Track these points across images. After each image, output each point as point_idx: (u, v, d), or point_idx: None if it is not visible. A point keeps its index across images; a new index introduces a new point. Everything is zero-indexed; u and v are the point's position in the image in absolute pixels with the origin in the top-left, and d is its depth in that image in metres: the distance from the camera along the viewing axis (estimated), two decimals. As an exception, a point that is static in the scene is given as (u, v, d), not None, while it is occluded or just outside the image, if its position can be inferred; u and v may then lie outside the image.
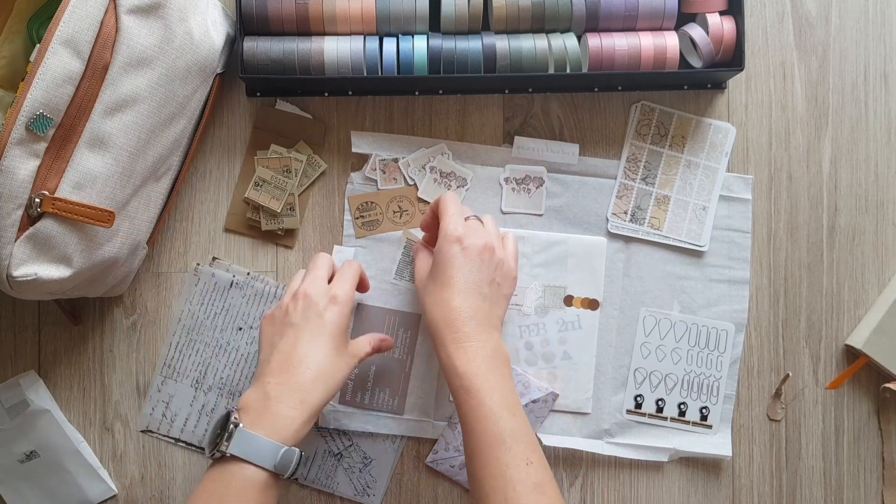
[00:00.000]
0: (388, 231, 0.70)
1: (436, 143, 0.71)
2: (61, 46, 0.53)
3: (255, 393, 0.57)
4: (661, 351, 0.71)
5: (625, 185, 0.71)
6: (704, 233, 0.71)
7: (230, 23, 0.67)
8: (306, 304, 0.60)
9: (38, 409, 0.67)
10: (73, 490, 0.68)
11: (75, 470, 0.68)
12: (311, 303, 0.60)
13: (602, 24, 0.68)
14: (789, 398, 0.72)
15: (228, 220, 0.71)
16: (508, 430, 0.55)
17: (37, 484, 0.68)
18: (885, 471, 0.72)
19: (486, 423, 0.55)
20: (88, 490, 0.68)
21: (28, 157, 0.53)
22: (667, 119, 0.71)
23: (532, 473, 0.54)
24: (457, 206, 0.62)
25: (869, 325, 0.71)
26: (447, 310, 0.59)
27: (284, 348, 0.59)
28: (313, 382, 0.57)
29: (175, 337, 0.70)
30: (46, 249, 0.56)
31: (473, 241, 0.60)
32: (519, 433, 0.56)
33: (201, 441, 0.69)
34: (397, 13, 0.67)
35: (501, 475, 0.54)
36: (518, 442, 0.55)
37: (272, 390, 0.56)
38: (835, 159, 0.72)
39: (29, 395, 0.67)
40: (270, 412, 0.56)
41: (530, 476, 0.54)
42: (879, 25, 0.73)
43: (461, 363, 0.57)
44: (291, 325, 0.59)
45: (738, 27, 0.67)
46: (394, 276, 0.68)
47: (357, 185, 0.70)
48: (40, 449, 0.67)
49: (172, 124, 0.62)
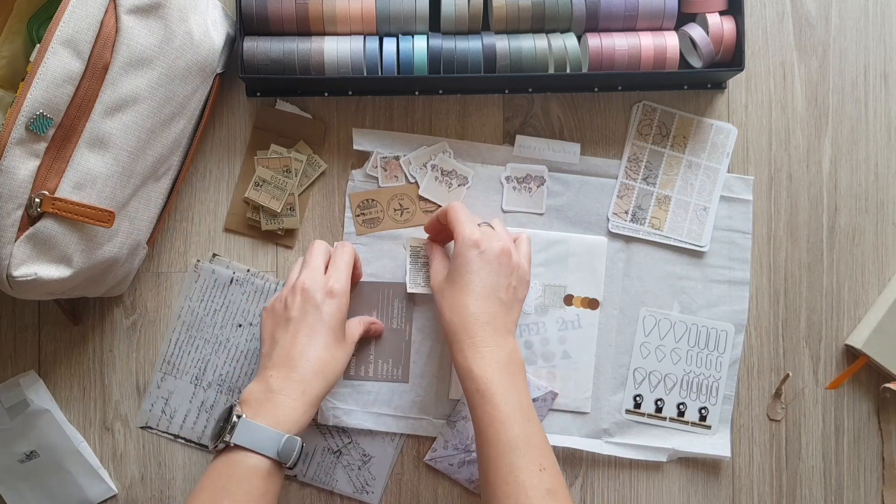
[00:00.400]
0: (389, 229, 0.70)
1: (437, 140, 0.71)
2: (61, 46, 0.53)
3: (258, 385, 0.58)
4: (660, 351, 0.71)
5: (626, 184, 0.71)
6: (705, 233, 0.71)
7: (230, 23, 0.67)
8: (304, 297, 0.61)
9: (38, 409, 0.67)
10: (74, 490, 0.68)
11: (75, 470, 0.68)
12: (308, 296, 0.61)
13: (602, 24, 0.68)
14: (789, 398, 0.72)
15: (228, 220, 0.71)
16: (522, 436, 0.55)
17: (37, 484, 0.68)
18: (885, 471, 0.72)
19: (500, 428, 0.56)
20: (88, 490, 0.68)
21: (28, 157, 0.54)
22: (668, 119, 0.71)
23: (545, 480, 0.55)
24: (468, 212, 0.63)
25: (869, 325, 0.71)
26: (464, 314, 0.59)
27: (285, 343, 0.60)
28: (314, 375, 0.59)
29: (175, 333, 0.70)
30: (46, 249, 0.56)
31: (491, 245, 0.61)
32: (533, 439, 0.56)
33: (200, 437, 0.70)
34: (397, 13, 0.67)
35: (514, 480, 0.54)
36: (531, 448, 0.55)
37: (274, 383, 0.58)
38: (835, 159, 0.72)
39: (29, 395, 0.67)
40: (272, 403, 0.57)
41: (543, 482, 0.54)
42: (879, 25, 0.73)
43: (477, 367, 0.57)
44: (291, 320, 0.61)
45: (738, 27, 0.67)
46: (408, 286, 0.68)
47: (358, 182, 0.71)
48: (40, 449, 0.67)
49: (172, 124, 0.62)
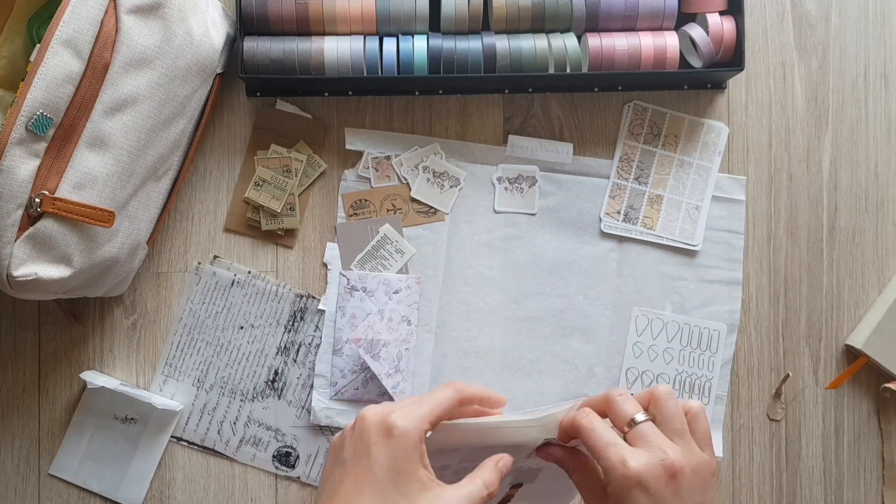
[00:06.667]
0: (386, 230, 0.71)
1: (430, 141, 0.71)
2: (61, 46, 0.53)
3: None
4: (652, 351, 0.71)
5: (618, 184, 0.71)
6: (697, 232, 0.71)
7: (230, 23, 0.67)
8: (358, 433, 0.48)
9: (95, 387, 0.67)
10: None
11: None
12: (361, 433, 0.47)
13: (602, 24, 0.68)
14: (789, 398, 0.72)
15: (228, 220, 0.71)
16: None
17: None
18: (885, 471, 0.72)
19: None
20: None
21: (28, 157, 0.54)
22: (659, 118, 0.71)
23: None
24: (605, 426, 0.48)
25: (869, 325, 0.71)
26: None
27: (326, 497, 0.48)
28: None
29: (176, 336, 0.70)
30: (46, 249, 0.56)
31: (652, 471, 0.46)
32: None
33: (203, 440, 0.69)
34: (397, 13, 0.67)
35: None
36: None
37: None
38: (835, 159, 0.72)
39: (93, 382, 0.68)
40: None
41: None
42: (879, 25, 0.73)
43: None
44: (340, 463, 0.48)
45: (738, 27, 0.67)
46: None
47: (350, 182, 0.71)
48: None
49: (172, 124, 0.62)
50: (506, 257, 0.71)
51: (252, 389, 0.70)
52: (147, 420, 0.68)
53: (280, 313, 0.70)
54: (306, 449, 0.69)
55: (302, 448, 0.69)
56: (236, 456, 0.69)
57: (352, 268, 0.70)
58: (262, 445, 0.69)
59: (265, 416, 0.69)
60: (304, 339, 0.70)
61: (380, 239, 0.70)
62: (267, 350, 0.70)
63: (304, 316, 0.70)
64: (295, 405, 0.69)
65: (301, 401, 0.70)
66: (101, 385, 0.66)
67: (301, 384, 0.70)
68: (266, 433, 0.69)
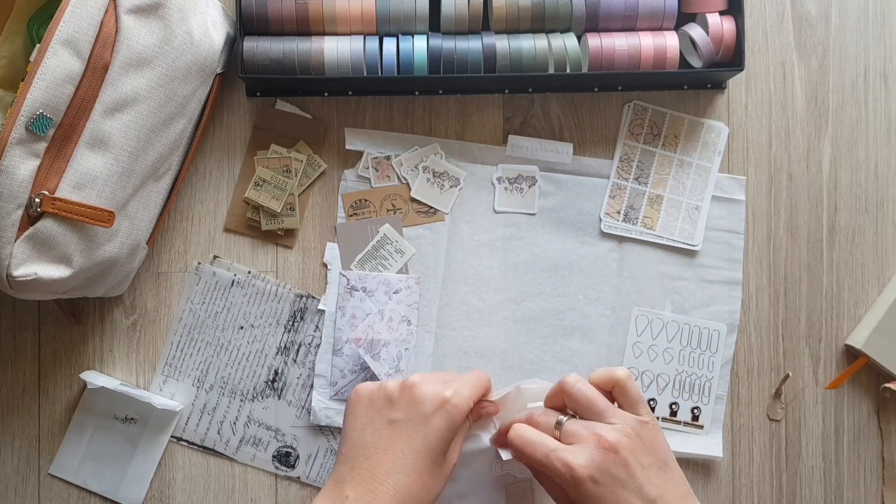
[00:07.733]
0: (386, 230, 0.71)
1: (430, 141, 0.71)
2: (61, 46, 0.53)
3: (330, 502, 0.51)
4: (652, 351, 0.71)
5: (617, 184, 0.71)
6: (697, 232, 0.71)
7: (230, 23, 0.67)
8: (412, 400, 0.52)
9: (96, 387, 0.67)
10: None
11: None
12: (417, 401, 0.52)
13: (602, 24, 0.68)
14: (789, 398, 0.72)
15: (228, 220, 0.71)
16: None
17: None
18: (885, 471, 0.72)
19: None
20: None
21: (28, 157, 0.54)
22: (659, 118, 0.71)
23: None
24: (537, 434, 0.52)
25: (869, 325, 0.71)
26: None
27: (373, 454, 0.51)
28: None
29: (176, 336, 0.70)
30: (46, 249, 0.56)
31: (596, 461, 0.49)
32: None
33: (203, 440, 0.70)
34: (397, 13, 0.67)
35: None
36: None
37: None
38: (835, 159, 0.73)
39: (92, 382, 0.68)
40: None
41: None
42: (879, 25, 0.73)
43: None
44: (390, 424, 0.52)
45: (738, 27, 0.67)
46: None
47: (350, 182, 0.71)
48: None
49: (172, 124, 0.62)
50: (506, 257, 0.71)
51: (252, 389, 0.70)
52: (147, 420, 0.68)
53: (280, 313, 0.70)
54: (306, 449, 0.69)
55: (302, 448, 0.69)
56: (236, 456, 0.70)
57: (352, 268, 0.70)
58: (262, 445, 0.69)
59: (265, 416, 0.69)
60: (304, 339, 0.70)
61: (380, 239, 0.70)
62: (267, 350, 0.70)
63: (304, 316, 0.70)
64: (295, 405, 0.70)
65: (301, 401, 0.70)
66: (101, 385, 0.66)
67: (301, 384, 0.70)
68: (266, 433, 0.69)
